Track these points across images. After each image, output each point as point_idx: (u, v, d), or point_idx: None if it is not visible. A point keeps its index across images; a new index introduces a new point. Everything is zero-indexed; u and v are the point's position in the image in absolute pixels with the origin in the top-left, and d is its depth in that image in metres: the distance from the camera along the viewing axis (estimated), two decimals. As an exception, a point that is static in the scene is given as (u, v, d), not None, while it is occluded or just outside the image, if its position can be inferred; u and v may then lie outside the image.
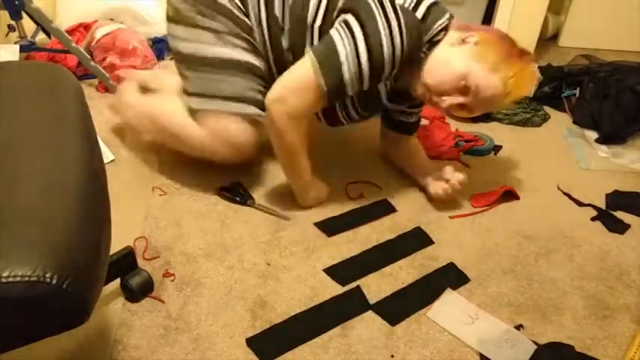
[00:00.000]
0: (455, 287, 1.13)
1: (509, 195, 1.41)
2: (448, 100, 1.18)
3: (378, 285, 1.13)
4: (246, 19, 1.25)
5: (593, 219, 1.36)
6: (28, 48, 1.82)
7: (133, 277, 1.06)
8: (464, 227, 1.31)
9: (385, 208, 1.36)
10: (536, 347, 0.99)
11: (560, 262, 1.22)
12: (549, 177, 1.53)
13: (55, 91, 0.83)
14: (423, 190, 1.44)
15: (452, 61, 1.17)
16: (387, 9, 1.10)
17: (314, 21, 1.21)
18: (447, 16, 1.19)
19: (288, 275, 1.14)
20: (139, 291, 1.06)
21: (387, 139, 1.53)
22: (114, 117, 1.61)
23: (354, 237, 1.26)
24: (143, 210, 1.32)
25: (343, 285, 1.12)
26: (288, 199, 1.37)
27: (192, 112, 1.29)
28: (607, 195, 1.45)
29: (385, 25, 1.09)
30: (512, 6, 2.10)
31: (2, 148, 0.69)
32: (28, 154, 0.68)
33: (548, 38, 2.58)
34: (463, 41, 1.17)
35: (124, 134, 1.63)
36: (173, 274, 1.13)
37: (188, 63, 1.29)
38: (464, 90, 1.17)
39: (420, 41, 1.15)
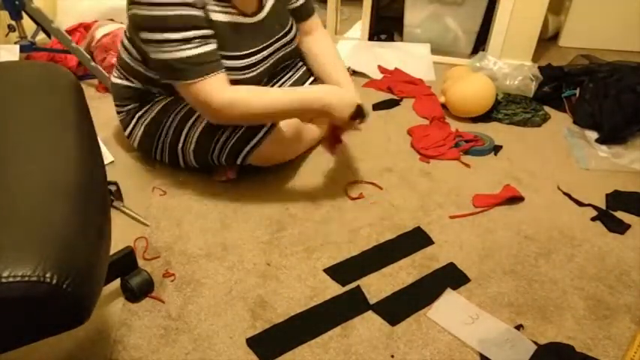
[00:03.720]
0: (455, 287, 1.13)
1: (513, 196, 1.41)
2: None
3: (378, 285, 1.13)
4: None
5: (593, 219, 1.36)
6: (28, 48, 1.83)
7: (133, 277, 1.06)
8: (464, 227, 1.31)
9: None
10: (536, 347, 0.99)
11: (560, 262, 1.22)
12: (549, 177, 1.53)
13: (55, 92, 0.83)
14: (423, 189, 1.44)
15: None
16: None
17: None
18: None
19: (288, 275, 1.14)
20: (139, 291, 1.06)
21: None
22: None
23: (354, 237, 1.26)
24: (143, 210, 1.32)
25: (343, 285, 1.12)
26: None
27: None
28: (607, 195, 1.45)
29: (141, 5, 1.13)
30: (512, 6, 2.10)
31: (2, 148, 0.69)
32: (28, 154, 0.68)
33: (548, 38, 2.58)
34: None
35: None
36: (173, 274, 1.13)
37: None
38: None
39: None
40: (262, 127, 1.31)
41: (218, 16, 1.22)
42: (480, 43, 2.34)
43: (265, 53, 1.36)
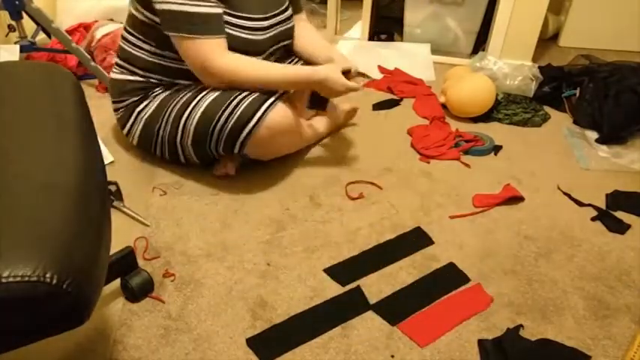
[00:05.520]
0: (455, 287, 1.13)
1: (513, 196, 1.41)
2: None
3: (378, 285, 1.13)
4: None
5: (593, 219, 1.36)
6: (28, 48, 1.83)
7: (133, 277, 1.06)
8: (464, 227, 1.31)
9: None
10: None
11: (560, 262, 1.22)
12: (549, 177, 1.53)
13: (55, 91, 0.83)
14: (423, 189, 1.44)
15: None
16: None
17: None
18: None
19: (288, 275, 1.14)
20: (139, 291, 1.06)
21: None
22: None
23: (354, 237, 1.26)
24: (143, 210, 1.32)
25: (343, 285, 1.12)
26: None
27: None
28: (607, 195, 1.45)
29: None
30: (512, 6, 2.10)
31: (1, 148, 0.69)
32: (28, 155, 0.68)
33: (548, 38, 2.58)
34: None
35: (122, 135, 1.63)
36: (173, 274, 1.13)
37: None
38: None
39: None
40: (256, 114, 1.30)
41: None
42: (480, 43, 2.34)
43: (271, 21, 1.44)
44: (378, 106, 1.89)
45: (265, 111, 1.31)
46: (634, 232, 1.32)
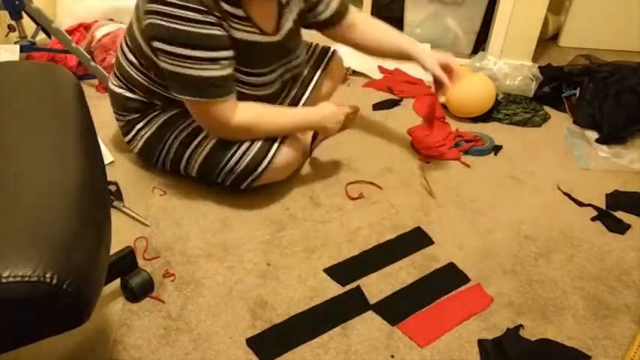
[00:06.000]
0: (455, 287, 1.13)
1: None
2: None
3: (378, 285, 1.13)
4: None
5: (593, 219, 1.36)
6: (28, 48, 1.83)
7: (133, 277, 1.06)
8: (464, 227, 1.31)
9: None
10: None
11: (560, 262, 1.22)
12: (549, 177, 1.53)
13: (55, 92, 0.83)
14: (423, 189, 1.44)
15: None
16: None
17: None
18: None
19: (288, 275, 1.14)
20: (139, 291, 1.06)
21: (340, 37, 1.48)
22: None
23: (354, 237, 1.26)
24: (143, 210, 1.32)
25: (343, 285, 1.12)
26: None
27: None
28: (607, 195, 1.45)
29: (163, 16, 1.10)
30: (512, 6, 2.10)
31: (2, 148, 0.69)
32: (28, 155, 0.68)
33: (548, 38, 2.58)
34: None
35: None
36: (173, 274, 1.13)
37: None
38: None
39: None
40: (265, 159, 1.29)
41: (240, 34, 1.20)
42: (480, 43, 2.34)
43: (279, 72, 1.37)
44: (378, 106, 1.89)
45: (274, 154, 1.29)
46: (634, 232, 1.32)
